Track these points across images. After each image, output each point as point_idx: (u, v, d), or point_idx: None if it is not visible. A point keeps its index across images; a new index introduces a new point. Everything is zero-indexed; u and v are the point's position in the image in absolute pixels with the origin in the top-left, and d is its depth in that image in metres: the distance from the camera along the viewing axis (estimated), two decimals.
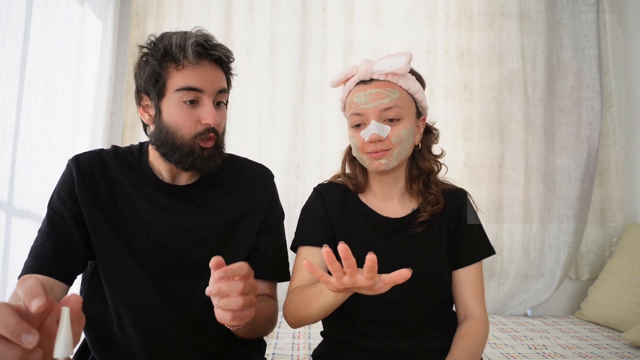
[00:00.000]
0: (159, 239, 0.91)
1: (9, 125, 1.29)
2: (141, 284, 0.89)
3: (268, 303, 0.95)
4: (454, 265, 1.02)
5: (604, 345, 1.67)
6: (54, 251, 0.85)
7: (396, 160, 0.97)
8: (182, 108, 0.87)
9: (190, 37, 0.86)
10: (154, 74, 0.87)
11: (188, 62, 0.85)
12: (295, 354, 1.53)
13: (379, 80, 0.96)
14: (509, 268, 2.26)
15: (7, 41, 1.27)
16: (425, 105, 1.03)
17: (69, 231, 0.87)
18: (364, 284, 0.70)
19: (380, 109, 0.95)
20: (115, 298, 0.89)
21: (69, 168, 0.92)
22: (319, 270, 0.72)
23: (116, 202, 0.92)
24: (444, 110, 2.29)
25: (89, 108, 1.88)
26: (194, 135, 0.87)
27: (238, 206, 0.98)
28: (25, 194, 1.37)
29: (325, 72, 2.26)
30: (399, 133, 0.95)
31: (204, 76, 0.87)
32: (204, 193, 0.96)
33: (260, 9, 2.28)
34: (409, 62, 0.94)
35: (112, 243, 0.89)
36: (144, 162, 0.96)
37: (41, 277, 0.82)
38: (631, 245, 2.02)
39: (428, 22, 2.33)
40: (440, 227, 1.02)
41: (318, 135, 2.25)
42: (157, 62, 0.87)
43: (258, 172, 1.05)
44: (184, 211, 0.94)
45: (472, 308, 1.00)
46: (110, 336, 0.91)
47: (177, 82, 0.86)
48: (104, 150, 0.97)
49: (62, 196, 0.90)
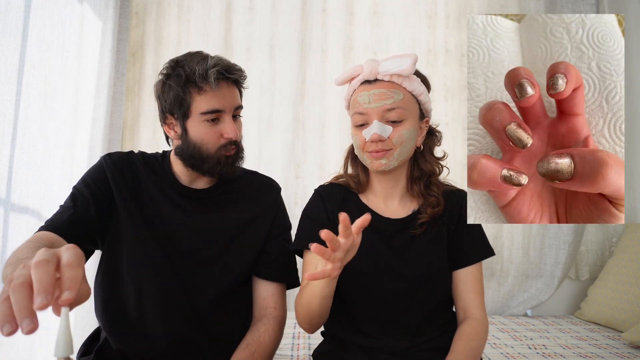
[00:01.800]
0: (174, 232, 1.02)
1: (7, 125, 1.29)
2: (164, 268, 0.99)
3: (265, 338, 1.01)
4: (453, 266, 1.03)
5: (604, 345, 1.67)
6: (70, 218, 0.94)
7: (397, 161, 0.98)
8: (206, 126, 0.98)
9: (211, 66, 0.95)
10: (178, 98, 0.97)
11: (209, 87, 0.96)
12: (295, 354, 1.52)
13: (383, 81, 0.97)
14: (509, 268, 2.25)
15: (5, 40, 1.27)
16: (429, 107, 1.03)
17: (88, 207, 0.97)
18: (345, 245, 0.73)
19: (383, 109, 0.95)
20: (139, 278, 0.99)
21: (101, 162, 1.04)
22: (319, 272, 0.73)
23: (140, 196, 1.03)
24: (444, 110, 2.29)
25: (88, 108, 1.88)
26: (218, 147, 0.99)
27: (245, 211, 1.07)
28: (23, 193, 1.37)
29: (325, 72, 2.26)
30: (401, 134, 0.95)
31: (223, 97, 0.98)
32: (217, 197, 1.07)
33: (260, 9, 2.28)
34: (414, 63, 0.94)
35: (141, 226, 1.00)
36: (166, 167, 1.07)
37: (52, 235, 0.89)
38: (631, 245, 2.02)
39: (428, 22, 2.33)
40: (441, 228, 1.02)
41: (318, 135, 2.25)
42: (181, 88, 0.97)
43: (266, 184, 1.15)
44: (197, 211, 1.04)
45: (471, 308, 1.00)
46: (124, 315, 0.99)
47: (201, 106, 0.96)
48: (133, 153, 1.09)
49: (87, 181, 1.01)
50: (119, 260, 1.00)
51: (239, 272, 1.04)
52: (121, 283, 1.00)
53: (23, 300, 0.46)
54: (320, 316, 0.95)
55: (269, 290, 1.06)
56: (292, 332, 1.77)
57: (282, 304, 1.07)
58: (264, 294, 1.06)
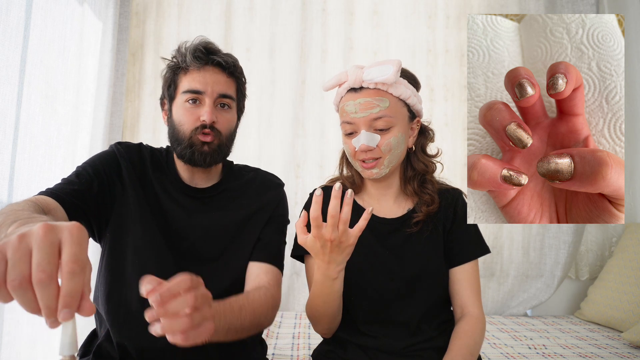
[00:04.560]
0: (176, 230, 1.01)
1: (9, 125, 1.29)
2: (167, 260, 0.99)
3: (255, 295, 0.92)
4: (450, 264, 1.03)
5: (604, 345, 1.67)
6: (72, 191, 0.92)
7: (387, 168, 0.99)
8: (186, 107, 0.98)
9: (193, 45, 0.99)
10: (168, 80, 1.02)
11: (193, 67, 0.98)
12: (295, 354, 1.52)
13: (369, 89, 0.96)
14: (508, 268, 2.26)
15: (6, 41, 1.27)
16: (418, 107, 1.02)
17: (92, 185, 0.96)
18: (329, 235, 0.79)
19: (370, 118, 0.95)
20: (144, 269, 0.96)
21: (112, 149, 1.04)
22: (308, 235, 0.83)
23: (146, 189, 1.03)
24: (444, 110, 2.29)
25: (88, 108, 1.88)
26: (193, 129, 0.98)
27: (247, 206, 1.06)
28: (25, 194, 1.37)
29: (325, 72, 2.26)
30: (389, 142, 0.96)
31: (205, 80, 0.98)
32: (219, 196, 1.06)
33: (260, 9, 2.28)
34: (397, 71, 0.93)
35: (149, 216, 1.00)
36: (170, 163, 1.07)
37: (51, 201, 0.86)
38: (631, 245, 2.02)
39: (428, 22, 2.33)
40: (436, 226, 1.03)
41: (318, 135, 2.25)
42: (172, 71, 1.01)
43: (270, 179, 1.14)
44: (199, 211, 1.04)
45: (468, 306, 1.00)
46: (127, 306, 0.97)
47: (184, 85, 0.99)
48: (143, 145, 1.09)
49: (95, 163, 1.00)
50: (123, 250, 0.99)
51: (241, 267, 1.04)
52: (124, 274, 0.99)
53: (32, 302, 0.43)
54: (326, 315, 0.96)
55: (262, 269, 1.02)
56: (292, 332, 1.77)
57: (275, 284, 1.01)
58: (256, 272, 1.02)
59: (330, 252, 0.82)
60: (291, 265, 2.19)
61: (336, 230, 0.79)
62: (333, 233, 0.79)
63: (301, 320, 1.96)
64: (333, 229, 0.79)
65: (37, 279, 0.42)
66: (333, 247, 0.81)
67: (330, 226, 0.79)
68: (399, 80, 0.97)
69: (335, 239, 0.80)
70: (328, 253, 0.82)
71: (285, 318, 2.00)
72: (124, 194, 1.00)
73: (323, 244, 0.81)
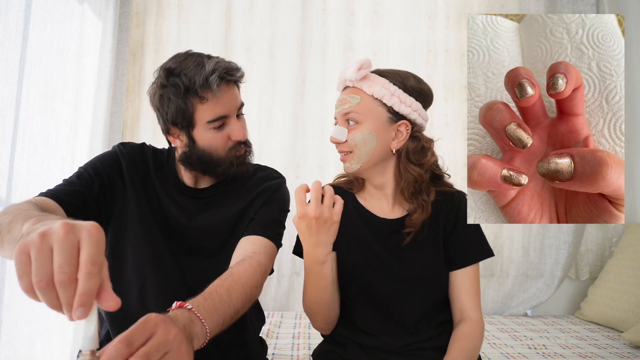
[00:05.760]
0: (177, 230, 1.02)
1: (8, 125, 1.29)
2: (168, 259, 1.00)
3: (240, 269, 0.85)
4: (450, 267, 1.02)
5: (604, 345, 1.67)
6: (73, 192, 0.93)
7: (358, 164, 0.98)
8: (213, 132, 0.97)
9: (210, 73, 0.92)
10: (179, 110, 0.95)
11: (212, 94, 0.93)
12: (295, 354, 1.52)
13: (349, 87, 1.01)
14: (508, 268, 2.26)
15: (6, 41, 1.27)
16: (404, 109, 0.98)
17: (92, 186, 0.97)
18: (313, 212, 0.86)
19: (342, 113, 0.99)
20: (143, 269, 0.99)
21: (115, 150, 1.04)
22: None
23: (147, 189, 1.03)
24: (444, 110, 2.29)
25: (88, 108, 1.88)
26: (228, 150, 0.99)
27: (245, 197, 1.06)
28: (23, 193, 1.37)
29: (325, 72, 2.26)
30: (353, 137, 0.97)
31: (227, 102, 0.96)
32: (219, 195, 1.06)
33: (260, 9, 2.28)
34: (358, 69, 0.96)
35: (149, 217, 1.00)
36: (170, 165, 1.07)
37: (52, 202, 0.87)
38: (631, 245, 2.02)
39: (428, 22, 2.33)
40: (437, 230, 1.02)
41: (318, 135, 2.25)
42: (181, 99, 0.94)
43: (270, 172, 1.14)
44: (199, 211, 1.04)
45: (468, 310, 1.00)
46: (126, 306, 0.96)
47: (206, 115, 0.95)
48: (145, 145, 1.09)
49: (96, 164, 1.00)
50: (123, 250, 1.00)
51: None
52: (124, 273, 0.99)
53: (55, 300, 0.46)
54: (320, 305, 0.98)
55: (249, 241, 0.96)
56: (292, 332, 1.77)
57: (263, 253, 0.94)
58: (242, 245, 0.96)
59: (317, 231, 0.88)
60: (291, 265, 2.19)
61: (319, 205, 0.86)
62: (317, 209, 0.86)
63: (301, 320, 1.96)
64: (317, 205, 0.86)
65: (59, 280, 0.45)
66: (319, 225, 0.87)
67: (314, 201, 0.85)
68: (375, 80, 0.97)
69: (320, 216, 0.86)
70: (315, 233, 0.88)
71: (285, 318, 2.00)
72: (124, 195, 1.01)
73: (308, 223, 0.87)
